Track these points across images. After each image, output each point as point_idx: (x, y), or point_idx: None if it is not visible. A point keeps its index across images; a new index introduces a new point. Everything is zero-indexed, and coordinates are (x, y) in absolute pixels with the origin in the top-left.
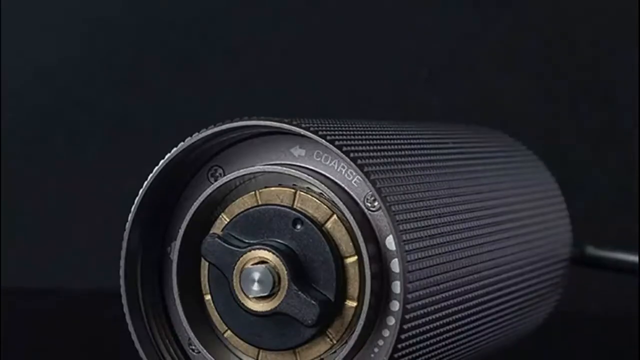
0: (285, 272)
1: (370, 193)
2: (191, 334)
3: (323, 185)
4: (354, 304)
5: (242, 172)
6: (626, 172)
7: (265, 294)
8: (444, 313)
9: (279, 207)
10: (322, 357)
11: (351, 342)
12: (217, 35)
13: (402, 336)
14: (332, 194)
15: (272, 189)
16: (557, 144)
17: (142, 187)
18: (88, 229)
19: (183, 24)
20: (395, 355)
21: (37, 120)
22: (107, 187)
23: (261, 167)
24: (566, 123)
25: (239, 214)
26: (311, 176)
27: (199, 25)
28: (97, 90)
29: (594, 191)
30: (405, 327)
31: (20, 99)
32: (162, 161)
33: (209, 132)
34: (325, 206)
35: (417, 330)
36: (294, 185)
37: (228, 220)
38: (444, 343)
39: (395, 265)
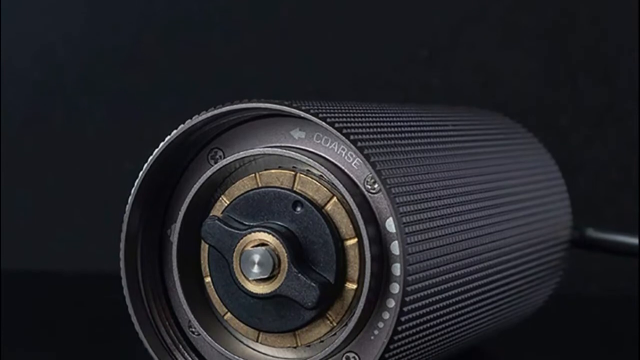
0: (285, 254)
1: (371, 175)
2: (191, 316)
3: (323, 168)
4: (354, 286)
5: (242, 154)
6: (627, 153)
7: (265, 277)
8: (444, 295)
9: (279, 190)
10: (322, 339)
11: (351, 325)
12: (217, 16)
13: (402, 318)
14: (332, 176)
15: (272, 171)
16: (557, 124)
17: (142, 169)
18: (87, 210)
19: (184, 4)
20: (395, 338)
21: (36, 99)
22: (107, 169)
23: (261, 149)
24: (566, 103)
25: (239, 196)
26: (311, 158)
27: (200, 6)
28: (97, 70)
29: (594, 171)
30: (405, 309)
31: (19, 77)
32: (162, 143)
33: (209, 114)
34: (325, 188)
35: (417, 313)
36: (294, 167)
37: (228, 202)
38: (444, 325)
39: (395, 248)
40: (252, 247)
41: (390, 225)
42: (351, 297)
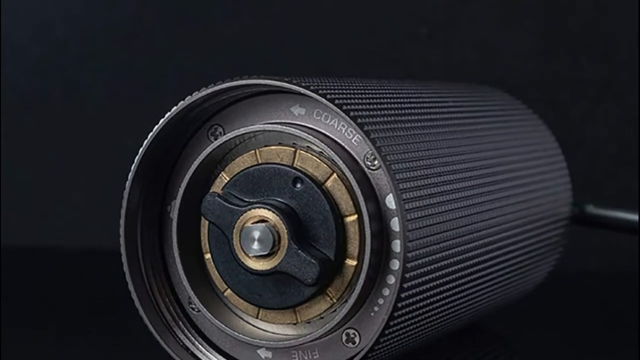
0: (285, 230)
1: (370, 152)
2: (191, 293)
3: (323, 144)
4: (354, 262)
5: (242, 130)
6: (626, 129)
7: (265, 253)
8: (444, 272)
9: (279, 166)
10: (322, 315)
11: (351, 301)
12: None
13: (402, 295)
14: (332, 152)
15: (272, 147)
16: (557, 100)
17: (142, 145)
18: (87, 187)
19: None
20: (396, 314)
21: (36, 75)
22: (107, 145)
23: (261, 125)
24: (566, 79)
25: (239, 172)
26: (311, 135)
27: None
28: (97, 46)
29: (594, 148)
30: (405, 285)
31: (19, 53)
32: (162, 120)
33: (209, 90)
34: (325, 165)
35: (417, 289)
36: (294, 144)
37: (228, 179)
38: (444, 302)
39: (395, 224)
40: (252, 223)
41: (390, 201)
42: (351, 273)
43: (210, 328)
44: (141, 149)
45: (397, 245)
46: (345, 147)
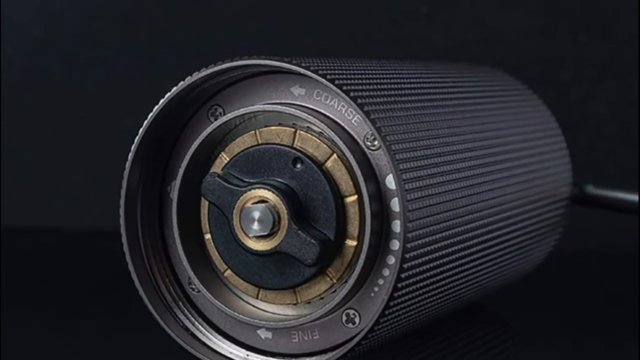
0: (285, 211)
1: (370, 132)
2: (191, 273)
3: (323, 125)
4: (354, 243)
5: (242, 111)
6: (627, 109)
7: (265, 233)
8: (444, 252)
9: (279, 146)
10: (322, 296)
11: (351, 281)
12: None
13: (402, 275)
14: (332, 133)
15: (272, 128)
16: (557, 80)
17: (142, 125)
18: (87, 167)
19: None
20: (396, 295)
21: (36, 55)
22: (107, 125)
23: (261, 106)
24: (566, 59)
25: (238, 153)
26: (311, 115)
27: None
28: (97, 26)
29: (594, 128)
30: (405, 266)
31: (19, 33)
32: (162, 100)
33: (209, 71)
34: (325, 145)
35: (417, 270)
36: (293, 124)
37: (228, 159)
38: (444, 282)
39: (395, 204)
40: (252, 204)
41: (390, 182)
42: (351, 254)
43: (210, 308)
44: (141, 130)
45: (397, 226)
46: (345, 127)
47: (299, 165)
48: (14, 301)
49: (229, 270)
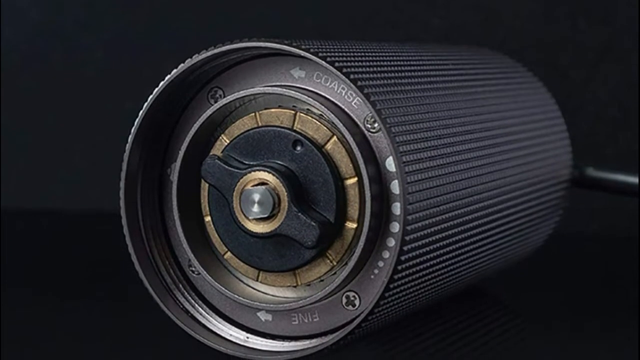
0: (285, 193)
1: (371, 114)
2: (191, 256)
3: (323, 107)
4: (354, 225)
5: (242, 93)
6: (627, 91)
7: (265, 216)
8: (444, 235)
9: (279, 129)
10: (322, 278)
11: (351, 264)
12: None
13: (402, 257)
14: (332, 115)
15: (272, 110)
16: (557, 63)
17: (142, 108)
18: (88, 149)
19: None
20: (396, 277)
21: (36, 38)
22: (107, 108)
23: (261, 88)
24: (566, 42)
25: (239, 135)
26: (311, 97)
27: None
28: (97, 9)
29: (594, 110)
30: (405, 248)
31: (19, 16)
32: (162, 82)
33: (209, 53)
34: (325, 127)
35: (417, 252)
36: (293, 106)
37: (228, 141)
38: (444, 265)
39: (395, 187)
40: (252, 186)
41: (390, 164)
42: (351, 236)
43: (210, 291)
44: (141, 112)
45: (397, 208)
46: (345, 109)
47: (299, 148)
48: (13, 284)
49: (229, 253)
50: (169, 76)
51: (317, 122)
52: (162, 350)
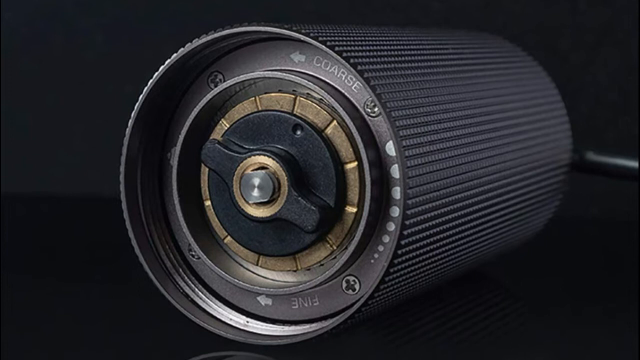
0: (285, 177)
1: (371, 99)
2: (191, 240)
3: (323, 91)
4: (354, 209)
5: (242, 77)
6: (627, 75)
7: (265, 200)
8: (444, 219)
9: (279, 113)
10: (322, 262)
11: (351, 248)
12: None
13: (402, 242)
14: (332, 99)
15: (272, 94)
16: (556, 47)
17: (142, 92)
18: (88, 133)
19: None
20: (396, 261)
21: (36, 21)
22: (107, 92)
23: (261, 72)
24: (566, 25)
25: (239, 119)
26: (311, 82)
27: None
28: None
29: (594, 94)
30: (405, 232)
31: None
32: (162, 67)
33: (210, 37)
34: (325, 112)
35: (417, 236)
36: (293, 91)
37: (228, 126)
38: (444, 249)
39: (395, 171)
40: (252, 170)
41: (390, 148)
42: (351, 220)
43: (210, 275)
44: (141, 96)
45: (397, 192)
46: (345, 94)
47: (299, 132)
48: (13, 268)
49: (229, 237)
50: (169, 60)
51: (317, 106)
52: (162, 335)
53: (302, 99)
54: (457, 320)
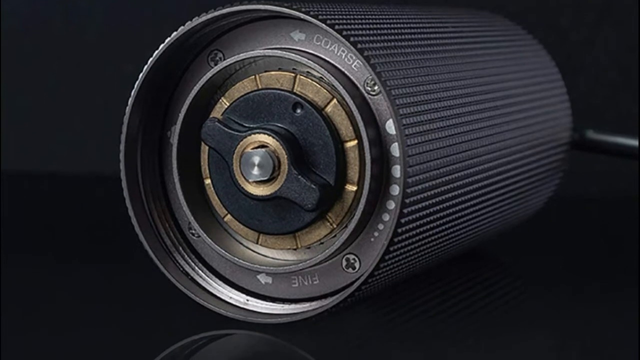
0: (285, 156)
1: (370, 77)
2: (191, 218)
3: (323, 70)
4: (354, 188)
5: (242, 56)
6: (627, 54)
7: (265, 178)
8: (444, 197)
9: (278, 91)
10: (322, 241)
11: (351, 226)
12: None
13: (402, 220)
14: (332, 78)
15: (272, 73)
16: (557, 25)
17: (142, 70)
18: (87, 112)
19: None
20: (396, 240)
21: (35, 1)
22: (107, 71)
23: (261, 51)
24: (566, 3)
25: (239, 98)
26: (311, 60)
27: None
28: None
29: (594, 73)
30: (405, 211)
31: None
32: (162, 45)
33: (209, 15)
34: (325, 90)
35: (417, 215)
36: (293, 69)
37: (228, 104)
38: (444, 227)
39: (395, 150)
40: (252, 149)
41: (390, 127)
42: (351, 199)
43: (210, 253)
44: (141, 75)
45: (397, 171)
46: (345, 72)
47: (299, 110)
48: (13, 246)
49: (229, 216)
50: (169, 39)
51: (317, 84)
52: (162, 313)
53: (302, 77)
54: (457, 299)
